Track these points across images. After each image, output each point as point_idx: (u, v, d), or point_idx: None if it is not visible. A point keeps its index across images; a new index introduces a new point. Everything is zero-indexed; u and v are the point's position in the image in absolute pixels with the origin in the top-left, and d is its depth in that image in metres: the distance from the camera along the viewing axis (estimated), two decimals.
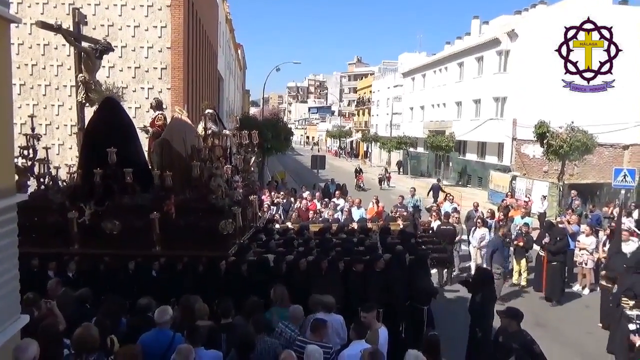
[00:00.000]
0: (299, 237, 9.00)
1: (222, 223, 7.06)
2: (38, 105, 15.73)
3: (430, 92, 40.37)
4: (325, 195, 16.99)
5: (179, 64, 15.54)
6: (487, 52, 30.98)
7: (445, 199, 15.60)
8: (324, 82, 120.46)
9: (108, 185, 7.27)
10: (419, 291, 7.37)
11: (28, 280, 6.58)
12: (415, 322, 7.28)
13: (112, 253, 7.04)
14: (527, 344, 5.56)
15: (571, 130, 19.59)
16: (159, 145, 8.28)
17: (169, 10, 15.39)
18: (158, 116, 9.12)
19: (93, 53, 8.45)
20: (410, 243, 8.41)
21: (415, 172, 41.16)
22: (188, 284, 6.60)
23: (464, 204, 19.17)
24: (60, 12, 15.26)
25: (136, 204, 7.24)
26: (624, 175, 14.99)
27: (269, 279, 6.66)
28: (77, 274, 6.99)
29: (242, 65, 57.44)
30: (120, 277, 6.84)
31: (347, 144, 69.87)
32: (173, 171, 7.53)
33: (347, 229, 9.82)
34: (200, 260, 7.00)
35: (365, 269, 7.18)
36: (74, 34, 8.55)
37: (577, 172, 24.93)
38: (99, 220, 7.12)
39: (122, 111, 8.33)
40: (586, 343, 8.93)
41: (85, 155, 7.87)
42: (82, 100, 8.50)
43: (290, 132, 29.69)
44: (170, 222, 7.09)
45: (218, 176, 7.49)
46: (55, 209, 7.29)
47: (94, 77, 8.55)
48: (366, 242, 8.50)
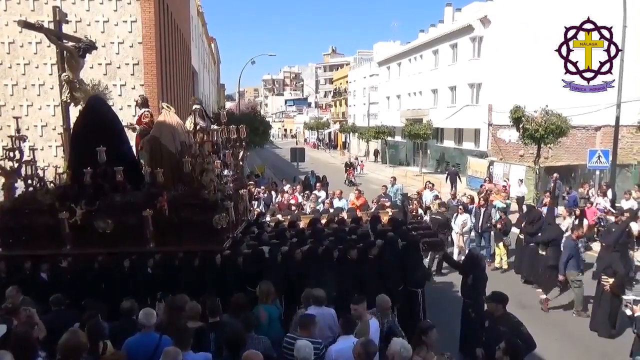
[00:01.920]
0: (290, 229, 9.01)
1: (215, 217, 7.05)
2: (5, 106, 15.20)
3: (406, 80, 40.53)
4: (306, 188, 16.91)
5: (152, 59, 15.17)
6: (461, 39, 31.21)
7: (425, 186, 15.68)
8: (300, 73, 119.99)
9: (98, 184, 7.19)
10: (413, 275, 7.54)
11: (20, 283, 6.46)
12: (411, 305, 7.45)
13: (105, 252, 7.00)
14: (515, 326, 5.64)
15: (545, 114, 19.91)
16: (148, 143, 8.19)
17: (138, 4, 14.96)
18: (144, 113, 8.99)
19: (76, 52, 8.25)
20: (402, 229, 8.50)
21: (394, 161, 41.40)
22: (184, 279, 6.61)
23: (443, 191, 19.37)
24: (24, 8, 14.72)
25: (128, 202, 7.19)
26: (598, 156, 15.33)
27: (265, 270, 6.71)
28: (70, 274, 6.90)
29: (216, 59, 56.68)
30: (116, 276, 6.78)
31: (325, 136, 69.83)
32: (163, 168, 7.49)
33: (338, 218, 9.83)
34: (196, 255, 7.01)
35: (359, 255, 7.27)
36: (55, 33, 8.35)
37: (551, 155, 25.42)
38: (90, 219, 7.05)
39: (108, 109, 8.26)
40: (569, 322, 9.13)
41: (74, 154, 7.78)
42: (66, 100, 8.33)
43: (268, 125, 29.48)
44: (163, 219, 7.05)
45: (210, 171, 7.46)
46: (46, 210, 7.19)
47: (78, 75, 8.38)
48: (358, 231, 8.53)
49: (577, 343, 8.34)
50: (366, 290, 6.40)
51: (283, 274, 6.84)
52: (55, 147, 14.91)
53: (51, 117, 15.12)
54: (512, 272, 11.72)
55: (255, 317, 5.46)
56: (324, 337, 5.25)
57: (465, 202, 13.16)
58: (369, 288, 6.77)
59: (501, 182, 20.02)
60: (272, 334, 5.56)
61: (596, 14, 12.94)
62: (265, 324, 5.71)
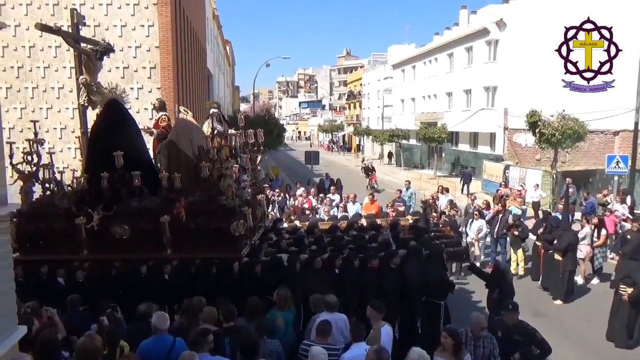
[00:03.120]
0: (309, 235, 8.87)
1: (233, 224, 6.98)
2: (26, 108, 15.51)
3: (421, 83, 40.33)
4: (321, 191, 16.90)
5: (168, 63, 15.37)
6: (476, 42, 30.97)
7: (440, 191, 15.57)
8: (314, 75, 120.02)
9: (115, 189, 7.16)
10: (436, 286, 7.27)
11: (37, 287, 6.61)
12: (432, 318, 7.22)
13: (122, 258, 6.95)
14: (529, 333, 5.57)
15: (562, 118, 19.66)
16: (166, 147, 8.17)
17: (155, 8, 15.18)
18: (162, 117, 8.99)
19: (93, 55, 8.27)
20: (424, 238, 8.31)
21: (409, 164, 41.20)
22: (201, 286, 6.55)
23: (458, 195, 19.26)
24: (44, 12, 15.02)
25: (145, 208, 7.15)
26: (617, 161, 15.09)
27: (283, 278, 6.62)
28: (87, 280, 6.89)
29: (231, 61, 57.06)
30: (132, 282, 6.75)
31: (339, 138, 69.78)
32: (181, 173, 7.45)
33: (357, 225, 9.68)
34: (213, 263, 6.92)
35: (380, 265, 7.11)
36: (73, 36, 8.38)
37: (568, 160, 25.08)
38: (107, 225, 7.02)
39: (126, 113, 8.23)
40: (585, 331, 8.97)
41: (91, 159, 7.76)
42: (84, 103, 8.35)
43: (282, 128, 29.57)
44: (180, 225, 7.02)
45: (228, 177, 7.41)
46: (62, 215, 7.19)
47: (96, 79, 8.40)
48: (379, 239, 8.41)
49: (592, 353, 8.19)
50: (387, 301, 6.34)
51: (302, 283, 6.69)
52: (74, 150, 15.17)
53: (70, 120, 15.40)
54: (528, 279, 11.58)
55: (269, 323, 5.48)
56: (337, 343, 5.26)
57: (481, 208, 13.05)
58: (390, 298, 6.70)
59: (517, 187, 19.79)
60: (285, 339, 5.59)
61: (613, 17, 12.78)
62: (282, 330, 5.74)
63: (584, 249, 11.08)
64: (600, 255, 11.54)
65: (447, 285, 7.54)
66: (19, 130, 15.52)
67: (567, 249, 10.05)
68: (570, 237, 10.29)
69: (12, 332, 4.18)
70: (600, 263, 11.59)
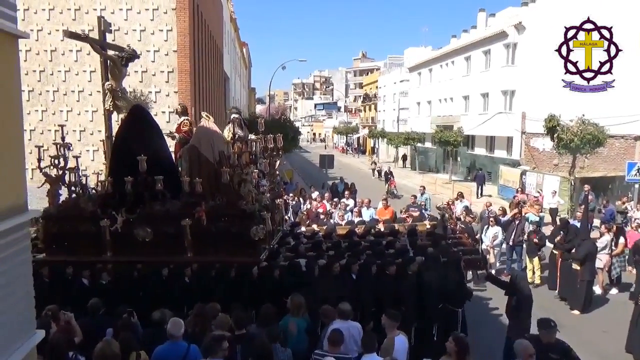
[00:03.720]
0: (326, 240, 8.89)
1: (253, 229, 7.04)
2: (47, 111, 15.80)
3: (437, 86, 40.09)
4: (335, 195, 16.90)
5: (186, 67, 15.52)
6: (495, 45, 30.67)
7: (457, 197, 15.44)
8: (330, 77, 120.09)
9: (139, 193, 7.29)
10: (454, 294, 7.27)
11: (62, 288, 6.77)
12: (449, 325, 7.18)
13: (144, 260, 7.07)
14: (566, 351, 5.50)
15: (582, 123, 19.34)
16: (187, 152, 8.29)
17: (174, 13, 15.35)
18: (184, 122, 9.09)
19: (119, 61, 8.41)
20: (442, 245, 8.29)
21: (424, 167, 40.95)
22: (221, 290, 6.63)
23: (474, 200, 19.07)
24: (66, 17, 15.30)
25: (168, 211, 7.26)
26: (637, 169, 14.80)
27: (302, 283, 6.67)
28: (110, 281, 7.03)
29: (247, 63, 57.40)
30: (154, 284, 6.86)
31: (354, 140, 69.70)
32: (202, 177, 7.55)
33: (375, 231, 9.68)
34: (232, 266, 7.02)
35: (398, 271, 7.13)
36: (100, 42, 8.52)
37: (587, 165, 24.66)
38: (131, 227, 7.14)
39: (151, 118, 8.36)
40: (602, 342, 8.82)
41: (116, 162, 7.89)
42: (109, 108, 8.49)
43: (297, 131, 29.60)
44: (201, 229, 7.11)
45: (248, 182, 7.46)
46: (88, 217, 7.33)
47: (121, 84, 8.53)
48: (396, 245, 8.41)
49: None
50: (403, 307, 6.34)
51: (320, 288, 6.72)
52: (93, 152, 15.44)
53: (89, 123, 15.67)
54: (545, 288, 11.41)
55: (281, 330, 5.50)
56: (350, 352, 5.26)
57: (497, 214, 12.91)
58: (407, 305, 6.72)
59: (534, 193, 19.53)
60: (298, 346, 5.61)
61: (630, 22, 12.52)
62: (294, 335, 5.75)
63: (603, 258, 10.89)
64: (618, 264, 11.32)
65: (465, 293, 7.53)
66: (39, 132, 15.84)
67: (585, 258, 9.89)
68: (589, 246, 10.12)
69: (32, 336, 4.28)
70: (617, 272, 11.38)
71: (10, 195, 3.80)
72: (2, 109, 3.52)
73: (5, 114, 3.59)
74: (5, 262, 3.57)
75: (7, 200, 3.62)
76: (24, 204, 4.31)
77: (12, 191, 3.91)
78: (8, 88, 3.72)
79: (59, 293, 6.63)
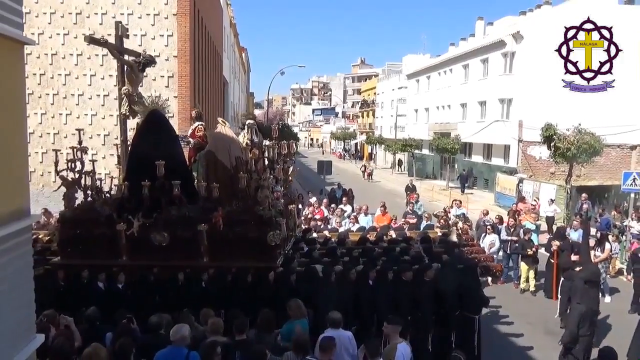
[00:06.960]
0: (340, 246, 8.89)
1: (270, 234, 7.05)
2: (46, 114, 15.85)
3: (435, 93, 40.29)
4: (332, 201, 16.90)
5: (186, 72, 15.61)
6: (492, 53, 30.90)
7: (453, 204, 15.48)
8: (328, 83, 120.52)
9: (155, 197, 7.27)
10: (471, 300, 7.30)
11: (78, 291, 6.76)
12: (466, 331, 7.24)
13: (160, 264, 7.05)
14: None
15: (578, 132, 19.45)
16: (205, 157, 8.30)
17: (175, 19, 15.45)
18: (198, 127, 9.08)
19: (136, 66, 8.43)
20: (458, 252, 8.33)
21: (421, 174, 41.05)
22: (237, 294, 6.63)
23: (471, 207, 19.10)
24: (67, 21, 15.37)
25: (184, 216, 7.24)
26: (633, 178, 14.88)
27: (319, 289, 6.66)
28: (126, 285, 7.00)
29: (246, 68, 57.58)
30: (170, 288, 6.84)
31: (352, 146, 69.84)
32: (219, 182, 7.55)
33: (387, 237, 9.69)
34: (249, 271, 7.01)
35: (414, 278, 7.13)
36: (117, 47, 8.52)
37: (583, 174, 24.79)
38: (147, 232, 7.12)
39: (167, 123, 8.36)
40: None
41: (132, 167, 7.86)
42: (125, 113, 8.49)
43: (296, 137, 29.67)
44: (218, 234, 7.11)
45: (265, 188, 7.46)
46: (103, 221, 7.31)
47: (137, 89, 8.54)
48: (410, 252, 8.43)
49: None
50: (420, 314, 6.37)
51: (337, 294, 6.71)
52: (91, 155, 15.43)
53: (88, 126, 15.69)
54: (540, 296, 11.46)
55: (288, 333, 5.53)
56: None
57: (494, 222, 12.97)
58: (424, 312, 6.74)
59: (530, 201, 19.61)
60: None
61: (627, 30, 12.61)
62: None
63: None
64: (604, 270, 11.36)
65: (482, 300, 7.57)
66: (38, 135, 15.87)
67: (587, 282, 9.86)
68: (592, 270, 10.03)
69: (31, 340, 4.30)
70: (604, 278, 11.43)
71: (13, 201, 3.84)
72: (8, 116, 3.56)
73: (12, 121, 3.63)
74: (7, 267, 3.59)
75: (10, 205, 3.65)
76: (26, 209, 4.35)
77: (15, 196, 3.95)
78: (15, 95, 3.76)
79: (75, 296, 6.61)
